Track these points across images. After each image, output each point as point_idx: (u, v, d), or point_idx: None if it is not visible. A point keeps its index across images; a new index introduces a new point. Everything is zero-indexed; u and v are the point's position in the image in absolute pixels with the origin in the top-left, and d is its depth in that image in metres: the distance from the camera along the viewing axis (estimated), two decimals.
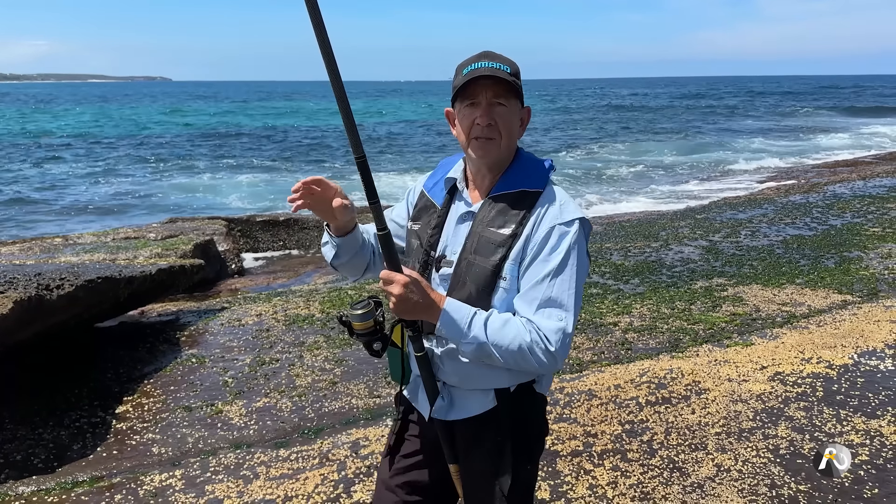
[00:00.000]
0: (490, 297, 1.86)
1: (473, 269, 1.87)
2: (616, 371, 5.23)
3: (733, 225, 11.01)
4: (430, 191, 2.08)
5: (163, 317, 7.36)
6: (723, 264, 8.56)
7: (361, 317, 1.90)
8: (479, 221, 1.91)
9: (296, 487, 3.77)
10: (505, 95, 1.86)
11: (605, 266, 8.63)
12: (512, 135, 1.91)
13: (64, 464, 4.16)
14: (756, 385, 4.81)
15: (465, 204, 1.99)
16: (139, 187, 20.69)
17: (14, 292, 4.33)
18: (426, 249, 1.99)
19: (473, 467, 1.99)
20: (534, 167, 1.96)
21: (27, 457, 4.22)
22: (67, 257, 9.24)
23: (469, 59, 1.89)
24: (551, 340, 1.77)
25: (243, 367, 5.61)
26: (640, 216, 12.83)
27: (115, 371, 5.58)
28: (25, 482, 3.96)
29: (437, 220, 2.01)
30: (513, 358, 1.78)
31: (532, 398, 1.97)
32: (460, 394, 1.97)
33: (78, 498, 3.79)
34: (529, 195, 1.90)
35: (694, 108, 57.54)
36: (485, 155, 1.90)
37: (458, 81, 1.87)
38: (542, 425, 2.04)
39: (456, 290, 1.89)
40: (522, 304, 1.82)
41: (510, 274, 1.85)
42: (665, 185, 18.90)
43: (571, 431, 4.25)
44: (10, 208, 17.42)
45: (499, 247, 1.86)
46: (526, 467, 1.98)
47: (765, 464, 3.83)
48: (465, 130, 1.90)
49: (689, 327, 6.28)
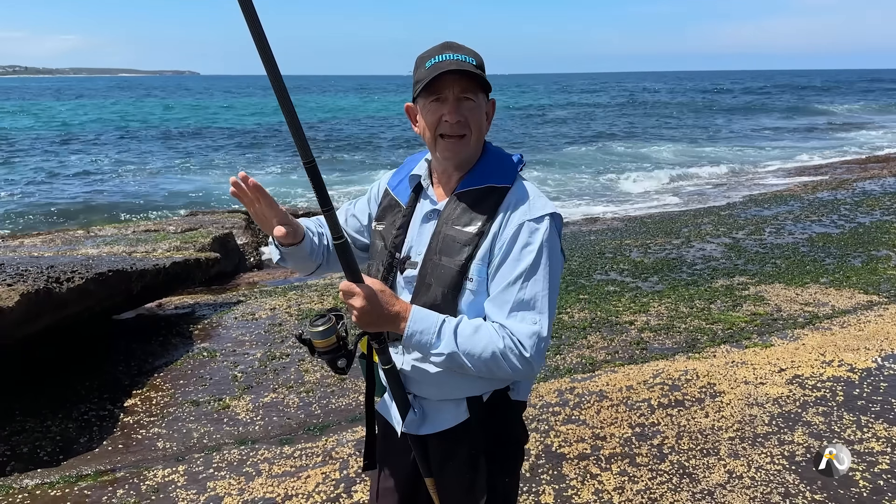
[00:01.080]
0: (457, 299, 1.76)
1: (438, 271, 1.77)
2: (629, 371, 5.11)
3: (757, 222, 10.79)
4: (395, 189, 1.98)
5: (179, 310, 7.38)
6: (745, 262, 8.37)
7: (323, 333, 1.74)
8: (443, 220, 1.82)
9: (297, 486, 3.73)
10: (473, 90, 1.75)
11: (624, 263, 8.49)
12: (481, 130, 1.81)
13: (70, 457, 4.16)
14: (773, 388, 4.67)
15: (431, 202, 1.89)
16: (162, 180, 20.86)
17: (22, 285, 4.33)
18: (390, 251, 1.89)
19: (448, 482, 1.91)
20: (502, 162, 1.86)
21: (34, 449, 4.23)
22: (87, 249, 9.30)
23: (431, 51, 1.78)
24: (526, 346, 1.67)
25: (253, 361, 5.59)
26: (663, 213, 12.63)
27: (127, 364, 5.59)
28: (30, 475, 3.96)
29: (401, 220, 1.91)
30: (486, 366, 1.68)
31: (507, 406, 1.87)
32: (432, 406, 1.88)
33: (81, 492, 3.78)
34: (497, 191, 1.80)
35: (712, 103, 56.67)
36: (454, 155, 1.80)
37: (422, 75, 1.75)
38: (518, 435, 1.94)
39: (421, 293, 1.79)
40: (493, 307, 1.72)
41: (477, 275, 1.75)
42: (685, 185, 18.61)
43: (579, 434, 4.16)
44: (40, 199, 17.68)
45: (464, 246, 1.76)
46: (503, 480, 1.89)
47: (779, 471, 3.70)
48: (430, 127, 1.78)
49: (708, 327, 6.14)
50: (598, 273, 8.09)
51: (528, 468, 3.79)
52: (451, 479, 1.90)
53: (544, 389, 4.83)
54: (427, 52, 1.79)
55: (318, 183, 1.59)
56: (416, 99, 1.81)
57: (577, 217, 13.01)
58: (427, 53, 1.79)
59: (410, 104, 1.87)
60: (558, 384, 4.93)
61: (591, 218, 12.63)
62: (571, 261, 8.69)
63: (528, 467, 3.80)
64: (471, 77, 1.73)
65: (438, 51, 1.77)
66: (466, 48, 1.79)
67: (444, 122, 1.75)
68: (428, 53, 1.78)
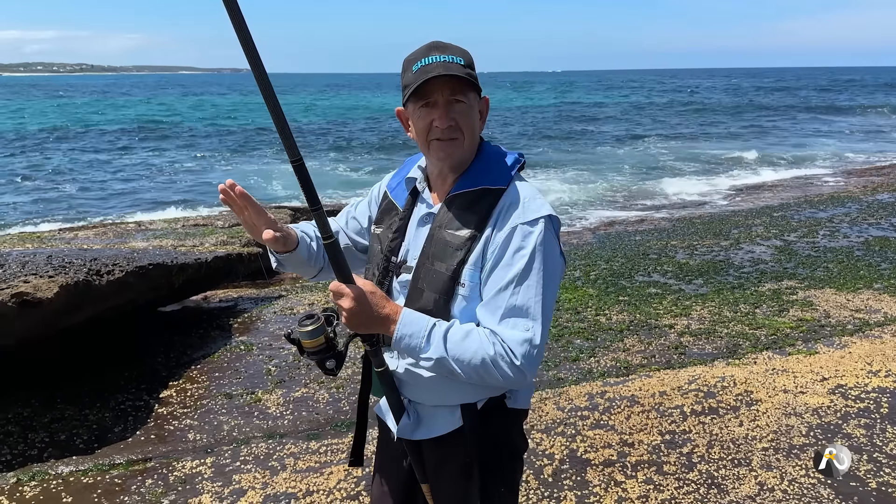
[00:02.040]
0: (449, 305, 1.72)
1: (431, 276, 1.74)
2: (664, 377, 4.99)
3: (811, 224, 10.43)
4: (393, 192, 1.95)
5: (223, 303, 7.53)
6: (795, 266, 8.10)
7: (311, 333, 1.71)
8: (437, 224, 1.78)
9: (319, 482, 3.75)
10: (462, 91, 1.70)
11: (668, 265, 8.31)
12: (474, 131, 1.76)
13: (104, 445, 4.27)
14: (814, 398, 4.50)
15: (427, 205, 1.85)
16: (215, 175, 21.33)
17: (63, 277, 4.46)
18: (386, 255, 1.86)
19: (442, 490, 1.88)
20: (497, 162, 1.80)
21: (70, 437, 4.36)
22: (137, 242, 9.56)
23: (417, 54, 1.72)
24: (517, 353, 1.62)
25: (287, 356, 5.65)
26: (713, 213, 12.32)
27: (166, 356, 5.72)
28: (65, 462, 4.08)
29: (398, 224, 1.88)
30: (476, 373, 1.63)
31: (503, 415, 1.83)
32: (426, 411, 1.84)
33: (112, 480, 3.88)
34: (491, 193, 1.74)
35: (771, 101, 55.05)
36: (447, 157, 1.75)
37: (410, 80, 1.70)
38: (515, 445, 1.90)
39: (414, 298, 1.76)
40: (485, 313, 1.68)
41: (470, 280, 1.70)
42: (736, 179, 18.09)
43: (607, 439, 4.07)
44: (104, 190, 18.31)
45: (457, 250, 1.72)
46: (499, 490, 1.84)
47: (813, 485, 3.56)
48: (422, 132, 1.74)
49: (751, 332, 5.96)
50: (640, 274, 7.94)
51: (551, 473, 3.74)
52: (445, 486, 1.87)
53: (574, 393, 4.75)
54: (413, 54, 1.74)
55: (305, 182, 1.56)
56: (406, 104, 1.76)
57: (622, 217, 12.80)
58: (413, 56, 1.73)
59: (401, 108, 1.82)
60: (589, 388, 4.85)
61: (638, 218, 12.40)
62: (613, 261, 8.55)
63: (550, 472, 3.74)
64: (459, 78, 1.68)
65: (425, 52, 1.71)
66: (454, 47, 1.74)
67: (435, 127, 1.71)
68: (414, 56, 1.73)
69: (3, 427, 4.45)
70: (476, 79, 1.72)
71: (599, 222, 12.30)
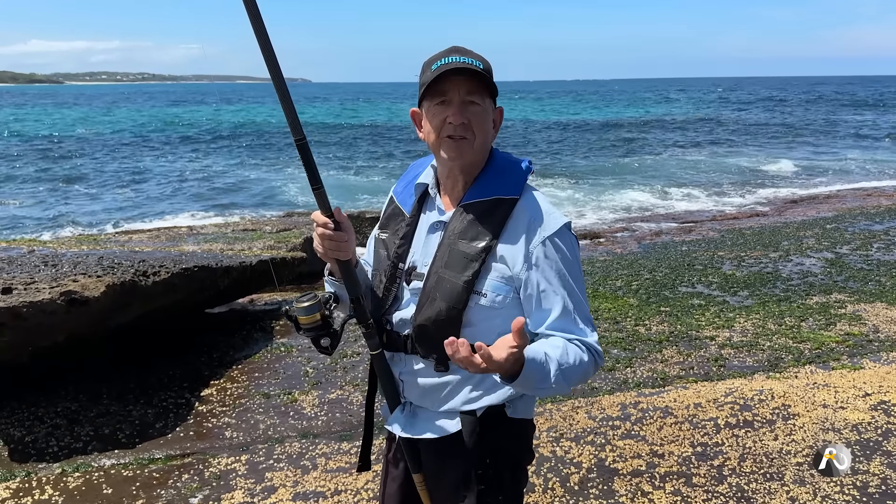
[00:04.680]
0: (461, 313, 1.74)
1: (444, 285, 1.76)
2: (700, 389, 4.92)
3: (866, 236, 10.13)
4: (399, 196, 1.96)
5: (268, 305, 7.70)
6: (846, 279, 7.88)
7: (307, 310, 1.76)
8: (450, 233, 1.79)
9: (347, 482, 3.82)
10: (479, 92, 1.73)
11: (713, 276, 8.17)
12: (486, 135, 1.77)
13: (145, 440, 4.42)
14: (854, 413, 4.38)
15: (438, 212, 1.86)
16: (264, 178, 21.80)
17: (110, 277, 4.65)
18: (393, 261, 1.88)
19: (439, 494, 1.91)
20: (509, 170, 1.82)
21: (114, 431, 4.53)
22: (189, 246, 9.84)
23: (437, 55, 1.75)
24: (599, 352, 1.76)
25: (325, 358, 5.75)
26: (764, 224, 12.04)
27: (210, 355, 5.88)
28: (108, 455, 4.24)
29: (405, 230, 1.89)
30: (578, 382, 1.75)
31: (503, 423, 1.83)
32: (425, 413, 1.88)
33: (150, 474, 4.02)
34: (504, 203, 1.77)
35: (837, 108, 53.47)
36: (458, 156, 1.75)
37: (427, 77, 1.72)
38: (516, 454, 1.89)
39: (425, 306, 1.78)
40: (563, 325, 1.73)
41: (494, 291, 1.74)
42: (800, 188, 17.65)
43: (637, 450, 4.04)
44: (163, 194, 18.96)
45: (472, 261, 1.74)
46: (497, 498, 1.84)
47: (848, 502, 3.48)
48: (435, 130, 1.75)
49: (794, 346, 5.82)
50: (683, 285, 7.83)
51: (578, 481, 3.73)
52: (442, 492, 1.89)
53: (607, 402, 4.72)
54: (433, 56, 1.77)
55: (308, 161, 1.66)
56: (422, 102, 1.78)
57: (672, 226, 12.62)
58: (433, 57, 1.76)
59: (416, 109, 1.84)
60: (623, 398, 4.81)
61: (686, 227, 12.20)
62: (657, 272, 8.45)
63: (577, 480, 3.74)
64: (477, 79, 1.70)
65: (445, 54, 1.75)
66: (474, 53, 1.76)
67: (449, 123, 1.72)
68: (434, 57, 1.76)
69: (52, 420, 4.65)
70: (494, 84, 1.75)
71: (647, 231, 12.15)
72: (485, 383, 1.80)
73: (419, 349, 1.81)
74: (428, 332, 1.77)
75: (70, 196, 19.20)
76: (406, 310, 1.84)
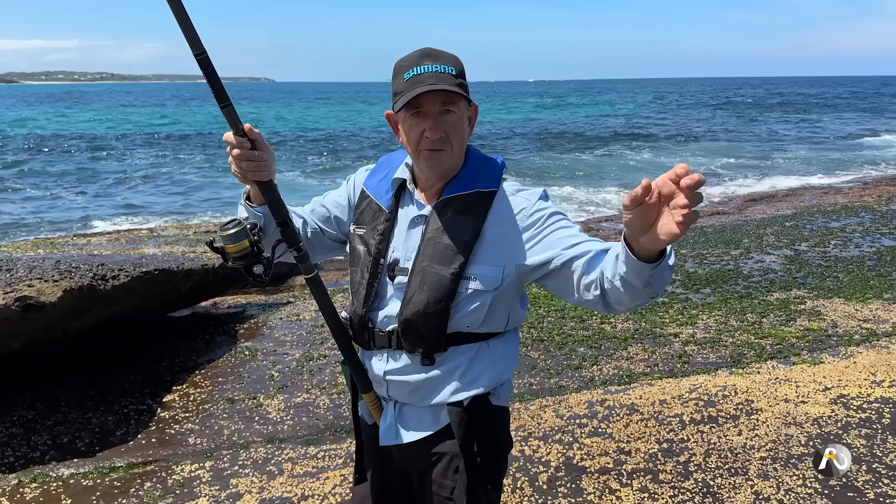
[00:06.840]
0: (448, 305, 1.75)
1: (431, 278, 1.76)
2: (666, 385, 4.97)
3: (823, 234, 10.35)
4: (374, 191, 1.94)
5: (231, 309, 7.58)
6: (805, 275, 8.04)
7: (233, 237, 1.67)
8: (432, 227, 1.80)
9: (314, 487, 3.77)
10: (454, 101, 1.72)
11: (676, 273, 8.27)
12: (463, 141, 1.79)
13: (105, 448, 4.31)
14: (815, 407, 4.46)
15: (417, 206, 1.87)
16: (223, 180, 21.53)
17: (67, 282, 4.53)
18: (374, 257, 1.87)
19: (427, 488, 1.90)
20: (487, 167, 1.85)
21: (73, 440, 4.41)
22: (150, 248, 9.68)
23: (409, 61, 1.73)
24: None
25: (291, 361, 5.69)
26: (724, 223, 12.24)
27: (171, 360, 5.77)
28: (66, 464, 4.13)
29: (384, 226, 1.88)
30: None
31: (489, 412, 1.86)
32: (412, 412, 1.88)
33: (111, 483, 3.92)
34: (485, 195, 1.80)
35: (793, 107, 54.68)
36: (437, 166, 1.78)
37: (401, 88, 1.71)
38: (501, 442, 1.92)
39: (412, 300, 1.78)
40: (590, 245, 1.72)
41: (483, 273, 1.75)
42: None
43: (604, 447, 4.06)
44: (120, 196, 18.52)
45: (458, 254, 1.75)
46: (486, 487, 1.86)
47: (810, 494, 3.54)
48: (412, 142, 1.76)
49: (756, 342, 5.92)
50: None
51: (546, 480, 3.73)
52: (430, 485, 1.89)
53: (574, 401, 4.74)
54: (405, 59, 1.75)
55: (211, 76, 1.61)
56: (396, 110, 1.77)
57: None
58: (405, 62, 1.74)
59: (391, 112, 1.83)
60: (590, 395, 4.84)
61: None
62: None
63: (546, 479, 3.74)
64: (450, 90, 1.70)
65: (417, 61, 1.72)
66: (446, 55, 1.75)
67: (426, 137, 1.73)
68: (406, 63, 1.74)
69: (8, 429, 4.51)
70: (467, 88, 1.74)
71: (612, 230, 12.26)
72: (471, 373, 1.82)
73: (405, 344, 1.81)
74: (414, 326, 1.77)
75: (27, 199, 18.71)
76: (390, 306, 1.84)
